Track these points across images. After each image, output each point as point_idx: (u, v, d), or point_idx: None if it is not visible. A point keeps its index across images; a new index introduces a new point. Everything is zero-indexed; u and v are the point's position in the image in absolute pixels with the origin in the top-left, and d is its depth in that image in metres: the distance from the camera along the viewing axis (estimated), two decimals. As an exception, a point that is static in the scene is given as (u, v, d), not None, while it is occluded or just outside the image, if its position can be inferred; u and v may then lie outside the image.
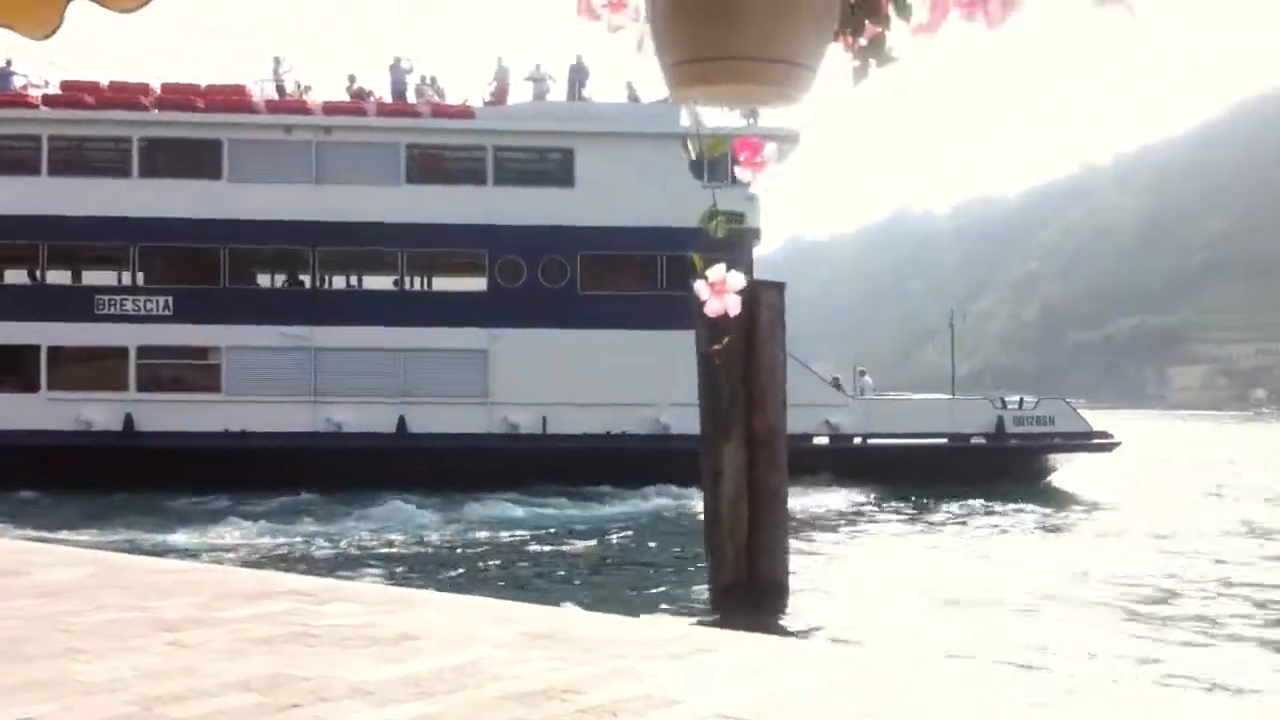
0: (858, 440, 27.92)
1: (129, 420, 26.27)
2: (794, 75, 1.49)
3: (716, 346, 10.04)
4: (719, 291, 1.80)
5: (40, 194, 26.76)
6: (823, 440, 27.33)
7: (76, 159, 28.23)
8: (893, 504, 24.44)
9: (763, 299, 10.86)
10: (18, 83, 29.24)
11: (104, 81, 29.06)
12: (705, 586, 11.78)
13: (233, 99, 28.47)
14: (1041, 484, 28.33)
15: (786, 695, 3.66)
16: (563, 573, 16.44)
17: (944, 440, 28.36)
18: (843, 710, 3.48)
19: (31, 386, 26.63)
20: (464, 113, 28.78)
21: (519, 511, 22.78)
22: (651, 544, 19.11)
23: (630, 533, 20.39)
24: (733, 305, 1.78)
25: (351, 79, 30.50)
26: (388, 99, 29.61)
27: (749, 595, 10.59)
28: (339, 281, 29.86)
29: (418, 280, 29.44)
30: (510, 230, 27.42)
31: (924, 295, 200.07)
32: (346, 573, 14.62)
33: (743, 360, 10.84)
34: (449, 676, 3.91)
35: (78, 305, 27.11)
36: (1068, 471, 29.26)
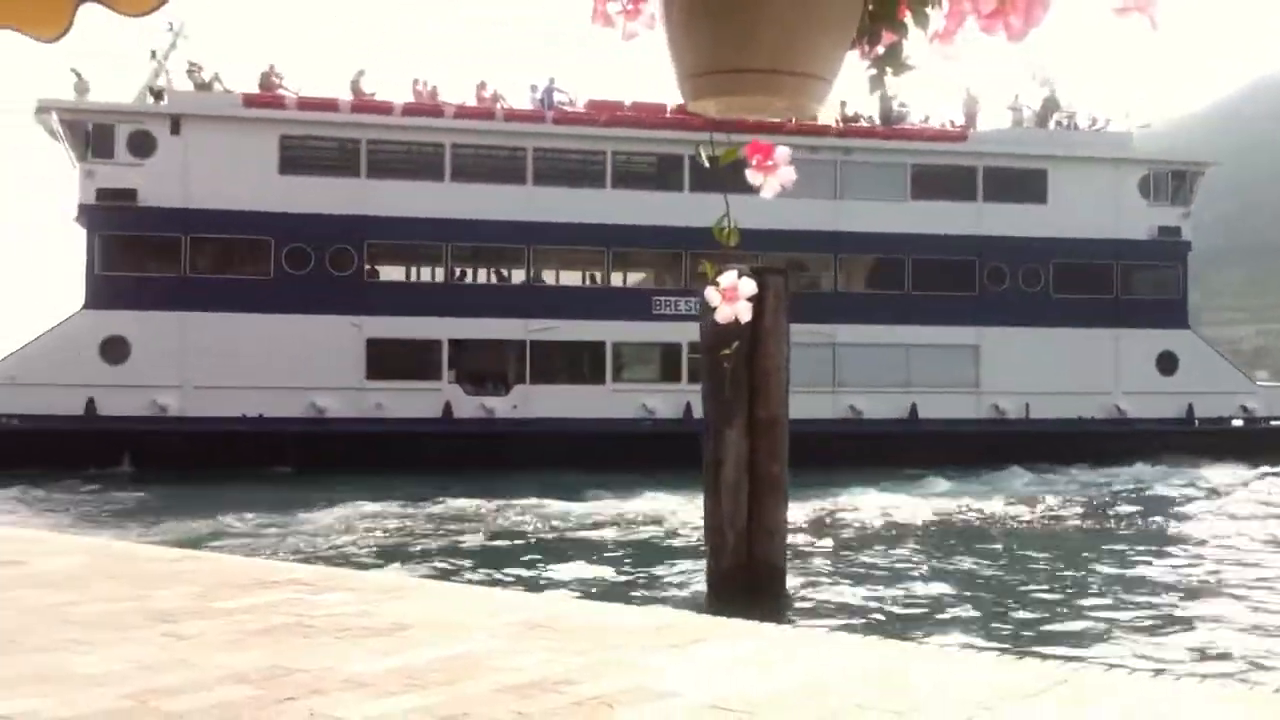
0: (1269, 423, 32.78)
1: (688, 409, 28.32)
2: (809, 87, 1.48)
3: (725, 352, 10.22)
4: (730, 298, 1.78)
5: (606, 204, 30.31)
6: (1238, 422, 32.60)
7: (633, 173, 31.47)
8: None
9: (769, 286, 10.75)
10: (559, 99, 31.70)
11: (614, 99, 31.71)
12: (704, 572, 11.79)
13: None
14: None
15: (781, 688, 3.66)
16: (565, 561, 16.30)
17: None
18: (839, 703, 3.48)
19: (598, 379, 30.27)
20: (959, 136, 32.85)
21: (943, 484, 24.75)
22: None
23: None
24: (743, 312, 1.77)
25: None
26: None
27: (747, 581, 10.61)
28: (857, 284, 33.16)
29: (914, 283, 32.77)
30: (996, 240, 32.01)
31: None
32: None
33: (748, 349, 10.79)
34: (443, 667, 3.92)
35: (638, 307, 30.84)
36: None
